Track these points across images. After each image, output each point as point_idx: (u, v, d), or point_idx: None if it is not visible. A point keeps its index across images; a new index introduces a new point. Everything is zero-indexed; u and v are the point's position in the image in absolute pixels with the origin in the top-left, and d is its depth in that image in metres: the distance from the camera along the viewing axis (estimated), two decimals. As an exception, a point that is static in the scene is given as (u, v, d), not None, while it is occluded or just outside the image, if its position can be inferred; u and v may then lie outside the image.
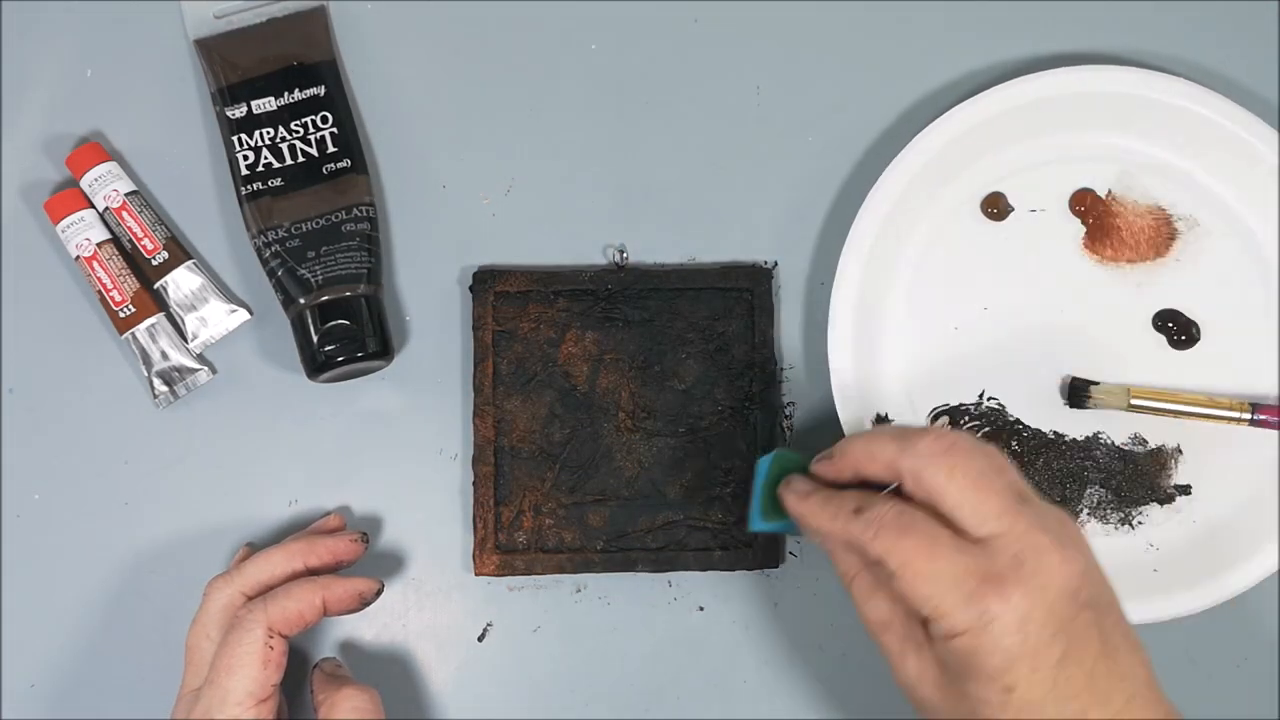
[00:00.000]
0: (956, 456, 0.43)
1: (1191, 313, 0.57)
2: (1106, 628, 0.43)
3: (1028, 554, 0.41)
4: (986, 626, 0.41)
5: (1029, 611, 0.41)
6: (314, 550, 0.51)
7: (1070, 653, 0.41)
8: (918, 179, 0.56)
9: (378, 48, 0.58)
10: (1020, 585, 0.41)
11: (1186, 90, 0.56)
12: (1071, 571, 0.42)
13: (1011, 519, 0.42)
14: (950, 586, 0.41)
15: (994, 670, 0.41)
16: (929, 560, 0.42)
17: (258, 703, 0.47)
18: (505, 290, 0.56)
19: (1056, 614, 0.41)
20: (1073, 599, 0.42)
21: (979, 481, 0.43)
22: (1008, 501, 0.42)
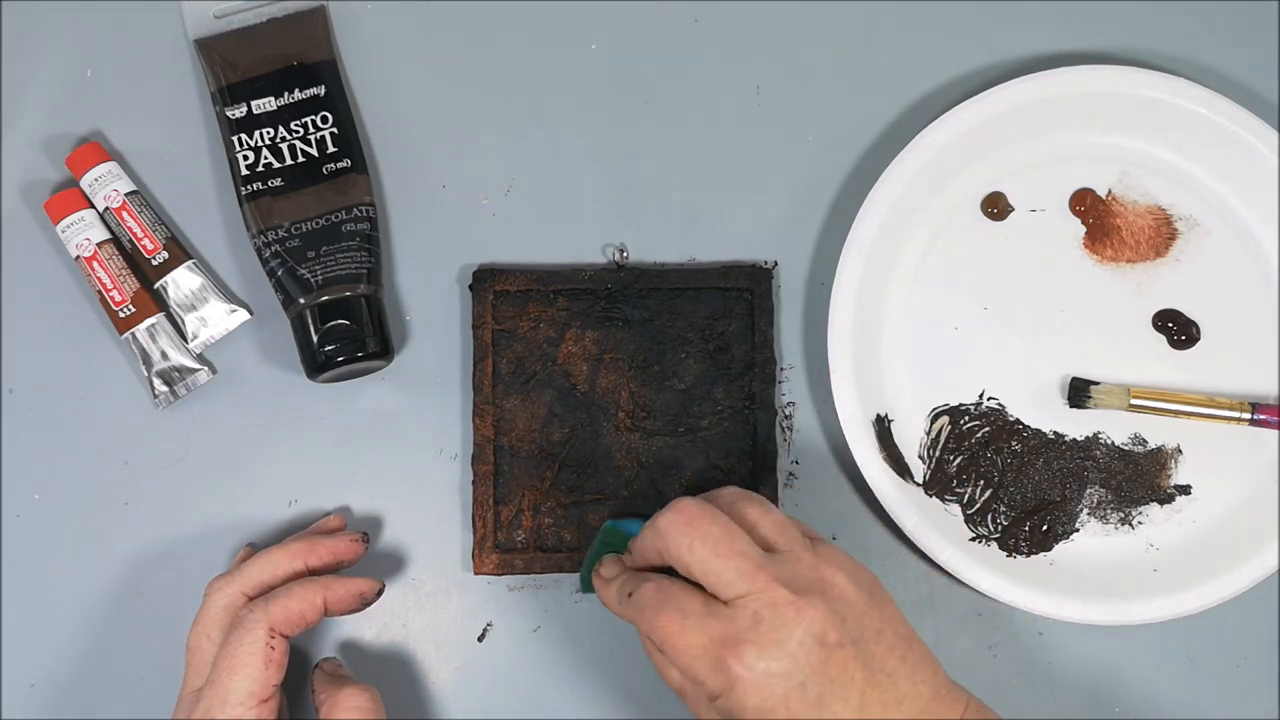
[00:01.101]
0: (694, 527, 0.45)
1: (1191, 313, 0.57)
2: (873, 658, 0.44)
3: (765, 612, 0.43)
4: (732, 688, 0.42)
5: (768, 667, 0.42)
6: (315, 550, 0.51)
7: (830, 693, 0.43)
8: (918, 179, 0.56)
9: (378, 48, 0.58)
10: (755, 644, 0.42)
11: (1186, 90, 0.56)
12: (812, 618, 0.43)
13: (751, 579, 0.43)
14: (699, 655, 0.43)
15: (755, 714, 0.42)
16: (680, 635, 0.44)
17: (259, 702, 0.47)
18: (505, 289, 0.56)
19: (801, 662, 0.42)
20: (818, 644, 0.43)
21: (717, 549, 0.44)
22: (747, 563, 0.44)
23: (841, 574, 0.45)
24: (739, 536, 0.45)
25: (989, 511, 0.56)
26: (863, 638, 0.44)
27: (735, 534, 0.45)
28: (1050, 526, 0.56)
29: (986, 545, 0.56)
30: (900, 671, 0.44)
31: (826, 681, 0.43)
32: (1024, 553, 0.56)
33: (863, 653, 0.43)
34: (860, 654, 0.43)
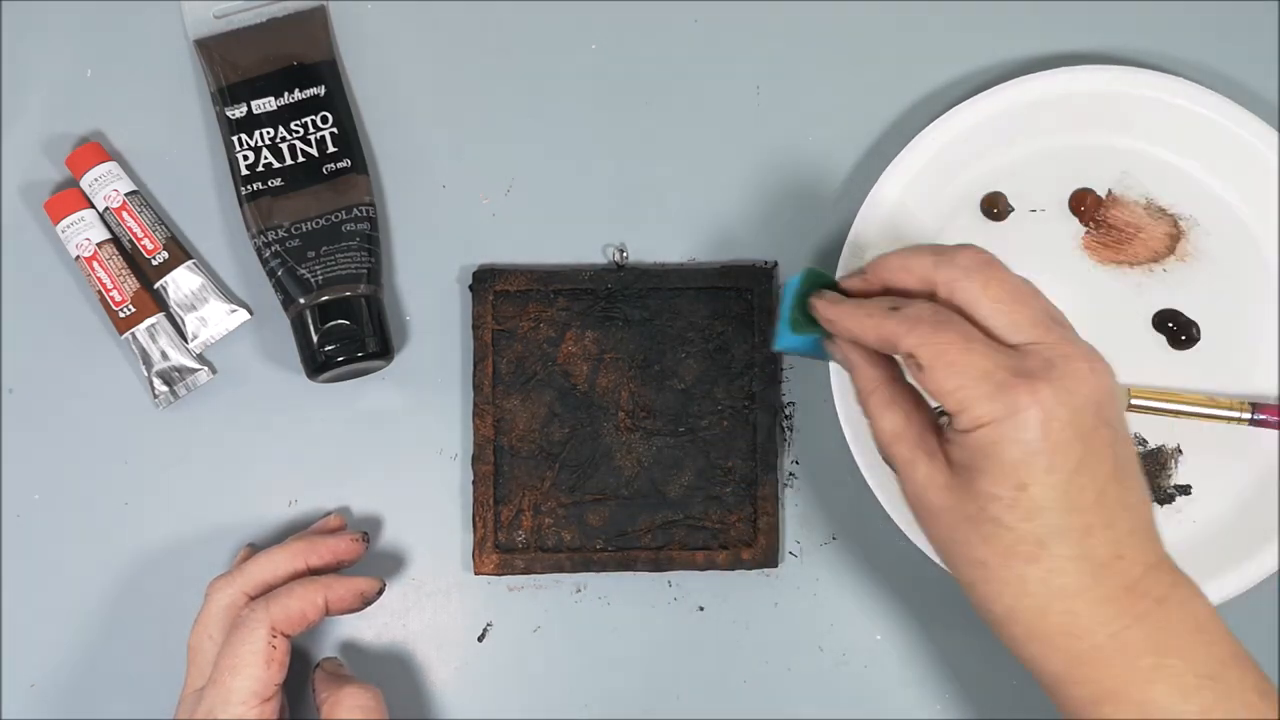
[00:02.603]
0: (992, 271, 0.44)
1: (1191, 313, 0.57)
2: (1121, 454, 0.43)
3: (1058, 360, 0.42)
4: (1011, 417, 0.41)
5: (1054, 409, 0.41)
6: (315, 550, 0.51)
7: (1086, 463, 0.41)
8: (918, 179, 0.56)
9: (378, 48, 0.58)
10: (1050, 384, 0.41)
11: (1186, 90, 0.56)
12: (1099, 384, 0.42)
13: (1044, 330, 0.43)
14: (980, 378, 0.41)
15: (1011, 464, 0.41)
16: (963, 353, 0.42)
17: (261, 702, 0.47)
18: (505, 289, 0.56)
19: (1080, 420, 0.41)
20: (1097, 411, 0.42)
21: (1014, 295, 0.43)
22: (1040, 316, 0.43)
23: (1105, 364, 0.44)
24: (1039, 295, 0.44)
25: (989, 511, 0.56)
26: (1117, 430, 0.43)
27: (1037, 291, 0.44)
28: (1050, 526, 0.56)
29: (986, 545, 0.56)
30: (1133, 481, 0.43)
31: (1089, 452, 0.41)
32: (1024, 553, 0.56)
33: (1116, 443, 0.42)
34: (1115, 443, 0.42)
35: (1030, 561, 0.42)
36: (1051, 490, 0.41)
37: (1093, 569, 0.42)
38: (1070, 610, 0.42)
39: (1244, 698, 0.42)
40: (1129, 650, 0.42)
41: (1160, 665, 0.42)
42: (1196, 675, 0.42)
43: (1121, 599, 0.42)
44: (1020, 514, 0.41)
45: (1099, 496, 0.42)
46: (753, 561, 0.55)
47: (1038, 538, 0.42)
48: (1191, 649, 0.42)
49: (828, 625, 0.56)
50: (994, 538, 0.42)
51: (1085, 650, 0.42)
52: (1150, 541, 0.43)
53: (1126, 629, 0.42)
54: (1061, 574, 0.42)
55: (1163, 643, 0.42)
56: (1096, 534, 0.42)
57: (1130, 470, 0.43)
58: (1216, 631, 0.43)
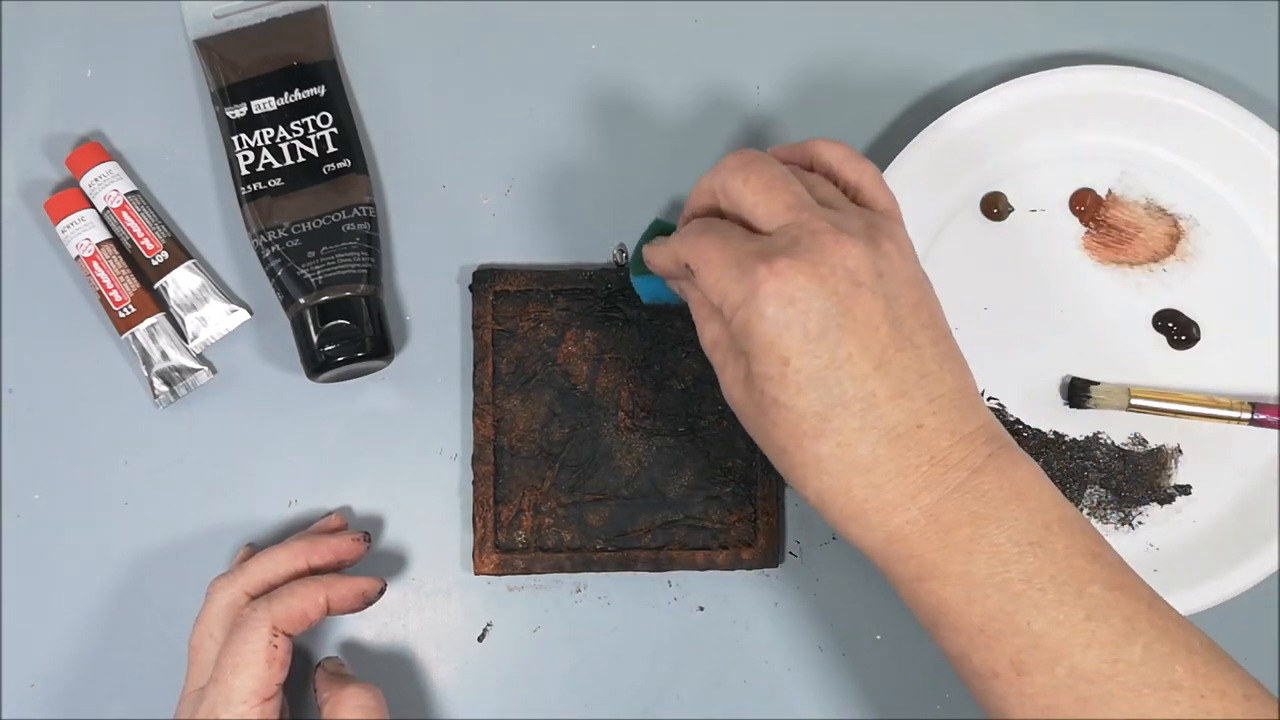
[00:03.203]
0: (753, 166, 0.44)
1: (1191, 313, 0.57)
2: (903, 324, 0.42)
3: (804, 236, 0.42)
4: (754, 293, 0.41)
5: (793, 278, 0.41)
6: (316, 550, 0.51)
7: (849, 329, 0.41)
8: (918, 179, 0.56)
9: (378, 48, 0.58)
10: (791, 257, 0.41)
11: (1186, 90, 0.56)
12: (846, 252, 0.42)
13: (797, 212, 0.43)
14: (731, 265, 0.42)
15: (767, 340, 0.41)
16: (719, 249, 0.43)
17: (262, 701, 0.47)
18: (505, 290, 0.56)
19: (828, 287, 0.41)
20: (849, 277, 0.41)
21: (770, 184, 0.44)
22: (793, 200, 0.43)
23: (894, 243, 0.44)
24: (795, 181, 0.44)
25: (989, 511, 0.56)
26: (897, 300, 0.42)
27: (792, 178, 0.44)
28: (1050, 526, 0.56)
29: (986, 545, 0.56)
30: (928, 350, 0.43)
31: (849, 318, 0.41)
32: (1024, 552, 0.56)
33: (893, 311, 0.42)
34: (890, 311, 0.42)
35: (818, 438, 0.42)
36: (815, 360, 0.41)
37: (888, 439, 0.42)
38: (872, 484, 0.42)
39: (1070, 561, 0.41)
40: (943, 522, 0.42)
41: (977, 536, 0.41)
42: (1017, 544, 0.41)
43: (927, 470, 0.42)
44: (792, 389, 0.41)
45: (879, 365, 0.42)
46: (753, 561, 0.55)
47: (816, 412, 0.41)
48: (1011, 517, 0.42)
49: (828, 625, 0.56)
50: (781, 420, 0.42)
51: (900, 526, 0.42)
52: (959, 410, 0.43)
53: (939, 501, 0.42)
54: (852, 446, 0.41)
55: (979, 512, 0.41)
56: (884, 403, 0.41)
57: (923, 339, 0.43)
58: (1040, 497, 0.42)
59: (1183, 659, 0.40)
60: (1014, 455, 0.43)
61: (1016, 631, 0.41)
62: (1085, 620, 0.40)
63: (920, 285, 0.44)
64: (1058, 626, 0.40)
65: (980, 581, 0.41)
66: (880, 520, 0.42)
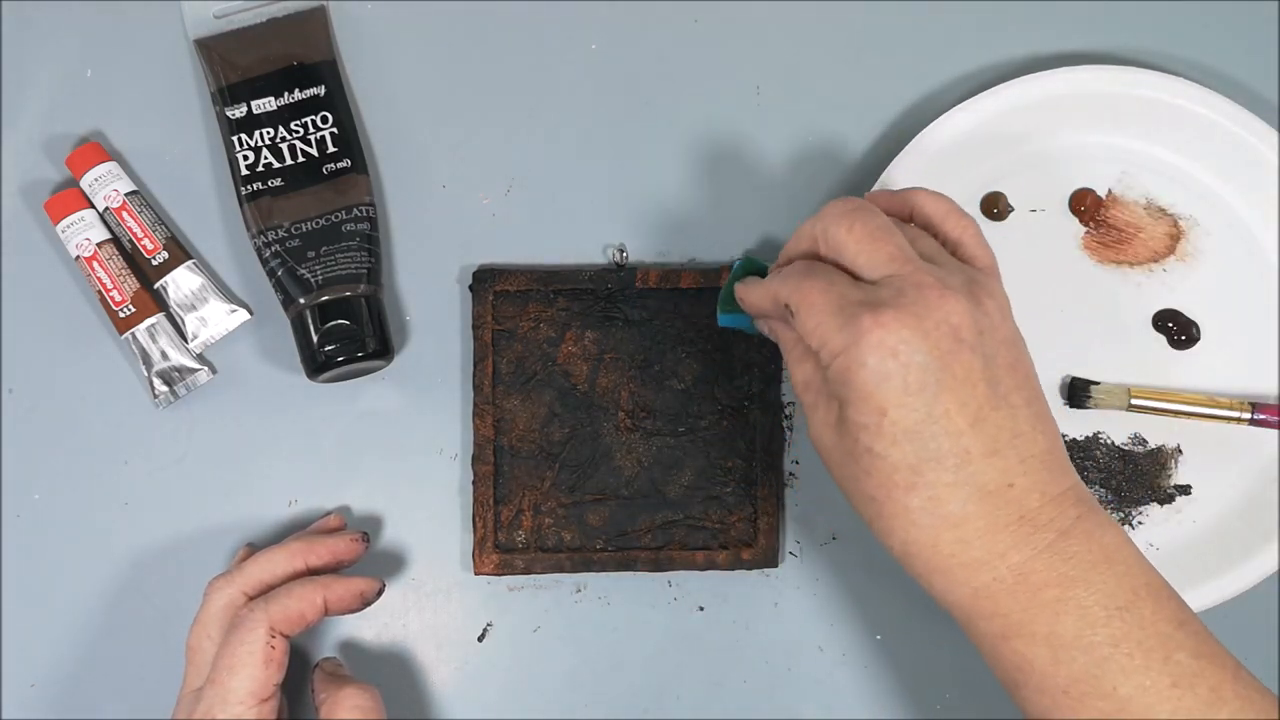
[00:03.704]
0: (857, 215, 0.45)
1: (1191, 313, 0.57)
2: (999, 382, 0.43)
3: (909, 288, 0.42)
4: (857, 342, 0.42)
5: (898, 331, 0.41)
6: (314, 550, 0.51)
7: (948, 385, 0.41)
8: (918, 179, 0.56)
9: (378, 48, 0.58)
10: (896, 309, 0.42)
11: (1186, 90, 0.56)
12: (950, 308, 0.42)
13: (901, 264, 0.43)
14: (834, 312, 0.43)
15: (866, 390, 0.42)
16: (822, 294, 0.43)
17: (259, 702, 0.47)
18: (505, 290, 0.56)
19: (931, 342, 0.41)
20: (953, 334, 0.42)
21: (875, 234, 0.44)
22: (897, 252, 0.44)
23: (994, 301, 0.44)
24: (898, 232, 0.44)
25: (989, 511, 0.56)
26: (994, 359, 0.43)
27: (895, 230, 0.44)
28: (1050, 526, 0.56)
29: (986, 545, 0.56)
30: (1022, 411, 0.43)
31: (948, 374, 0.41)
32: (1024, 553, 0.56)
33: (990, 370, 0.42)
34: (988, 370, 0.42)
35: (909, 490, 0.42)
36: (913, 413, 0.41)
37: (978, 496, 0.42)
38: (961, 539, 0.42)
39: (1157, 628, 0.41)
40: (1031, 582, 0.42)
41: (1065, 598, 0.41)
42: (1105, 607, 0.41)
43: (1016, 529, 0.42)
44: (887, 440, 0.42)
45: (975, 423, 0.42)
46: (753, 561, 0.55)
47: (910, 465, 0.42)
48: (1100, 580, 0.42)
49: (828, 625, 0.56)
50: (873, 469, 0.42)
51: (987, 583, 0.42)
52: (1049, 472, 0.43)
53: (1027, 561, 0.42)
54: (943, 501, 0.42)
55: (1067, 574, 0.42)
56: (977, 461, 0.42)
57: (1018, 400, 0.43)
58: (1127, 562, 0.43)
59: None
60: (1101, 519, 0.43)
61: (1102, 695, 0.41)
62: (1171, 687, 0.41)
63: (1016, 345, 0.44)
64: (1144, 692, 0.41)
65: (1067, 643, 0.41)
66: (967, 576, 0.42)
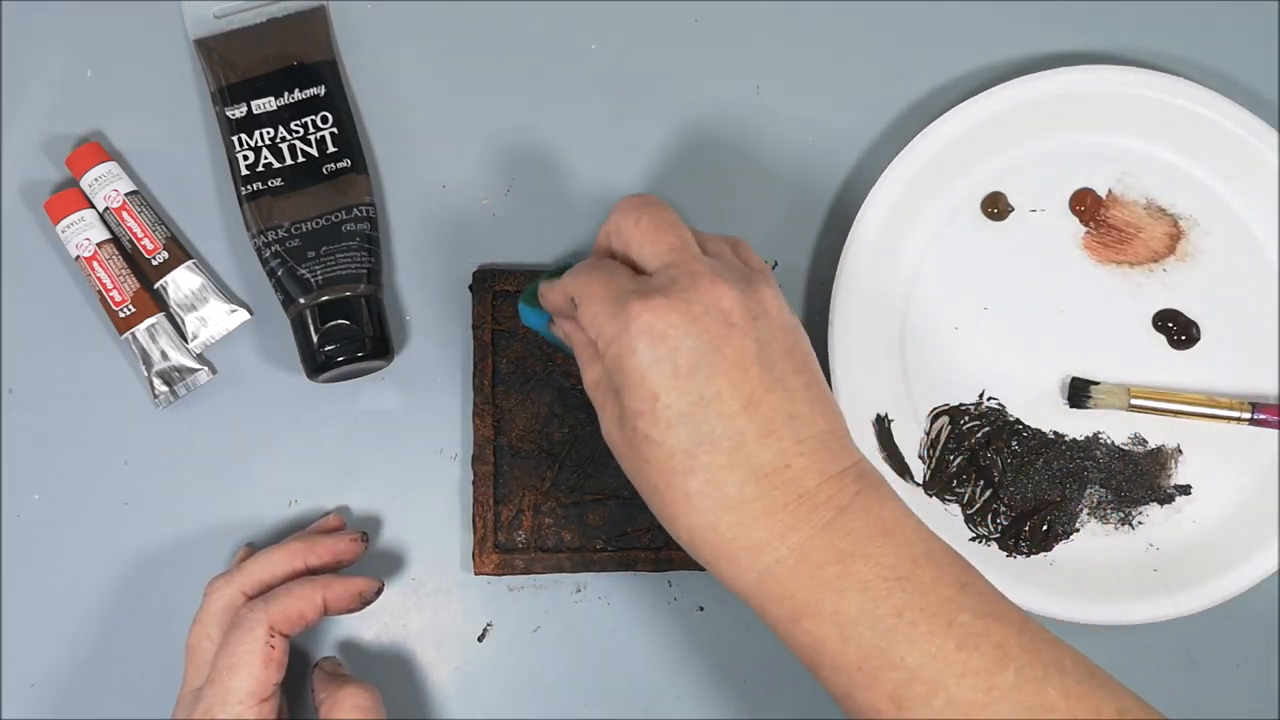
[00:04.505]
0: (646, 208, 0.46)
1: (1191, 313, 0.57)
2: (774, 366, 0.43)
3: (681, 275, 0.43)
4: (627, 327, 0.42)
5: (666, 315, 0.42)
6: (314, 550, 0.51)
7: (718, 368, 0.42)
8: (918, 179, 0.56)
9: (378, 48, 0.58)
10: (665, 295, 0.42)
11: (1186, 90, 0.56)
12: (721, 294, 0.42)
13: (679, 255, 0.44)
14: (609, 301, 0.43)
15: (638, 375, 0.42)
16: (602, 285, 0.44)
17: (259, 702, 0.47)
18: (505, 289, 0.56)
19: (700, 326, 0.42)
20: (722, 318, 0.42)
21: (660, 225, 0.45)
22: (679, 243, 0.44)
23: (770, 292, 0.44)
24: (685, 228, 0.45)
25: (989, 511, 0.56)
26: (769, 345, 0.43)
27: (682, 225, 0.45)
28: (1050, 526, 0.56)
29: (986, 545, 0.56)
30: (800, 394, 0.43)
31: (719, 357, 0.42)
32: (1024, 553, 0.56)
33: (765, 355, 0.43)
34: (762, 354, 0.43)
35: (687, 474, 0.42)
36: (684, 396, 0.42)
37: (755, 478, 0.42)
38: (740, 523, 0.42)
39: (939, 593, 0.41)
40: (812, 560, 0.42)
41: (846, 573, 0.41)
42: (885, 579, 0.41)
43: (794, 508, 0.42)
44: (662, 425, 0.42)
45: (748, 405, 0.42)
46: (753, 561, 0.55)
47: (685, 448, 0.42)
48: (878, 553, 0.42)
49: (828, 625, 0.56)
50: (652, 457, 0.43)
51: (770, 565, 0.42)
52: (829, 451, 0.43)
53: (807, 540, 0.42)
54: (720, 483, 0.42)
55: (846, 550, 0.42)
56: (752, 442, 0.42)
57: (794, 383, 0.43)
58: (906, 532, 0.43)
59: (1055, 681, 0.40)
60: (882, 492, 0.43)
61: (892, 667, 0.41)
62: (957, 650, 0.40)
63: (794, 332, 0.45)
64: (931, 659, 0.40)
65: (852, 619, 0.41)
66: (750, 560, 0.42)
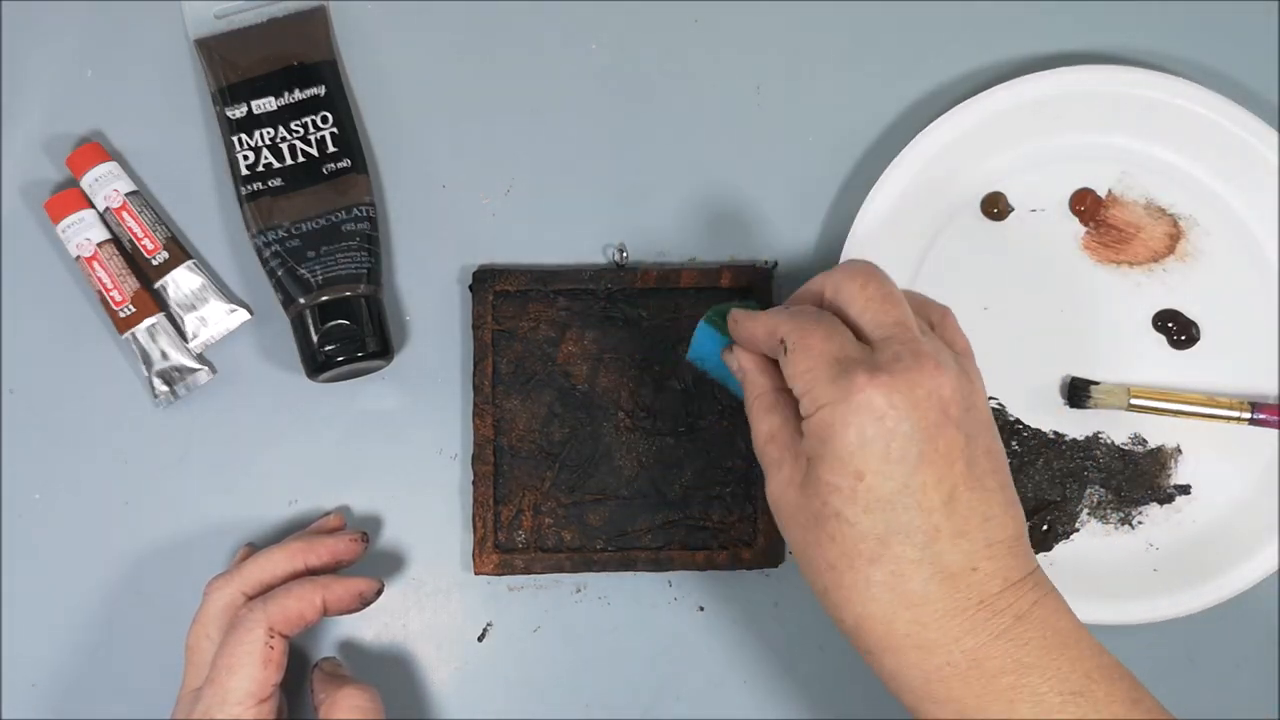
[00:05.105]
0: (872, 274, 0.45)
1: (1191, 313, 0.57)
2: (977, 464, 0.42)
3: (906, 355, 0.42)
4: (846, 399, 0.41)
5: (890, 396, 0.41)
6: (314, 550, 0.51)
7: (929, 459, 0.41)
8: (918, 179, 0.56)
9: (378, 48, 0.58)
10: (892, 375, 0.41)
11: (1186, 90, 0.56)
12: (943, 382, 0.42)
13: (904, 329, 0.43)
14: (829, 363, 0.42)
15: (847, 450, 0.41)
16: (822, 340, 0.43)
17: (258, 702, 0.47)
18: (505, 289, 0.56)
19: (920, 413, 0.41)
20: (941, 409, 0.41)
21: (886, 296, 0.44)
22: (905, 318, 0.43)
23: (980, 385, 0.44)
24: (908, 306, 0.44)
25: (989, 511, 0.56)
26: (975, 440, 0.42)
27: (904, 300, 0.44)
28: (1050, 526, 0.56)
29: (986, 545, 0.56)
30: (996, 496, 0.42)
31: (931, 448, 0.41)
32: (1024, 553, 0.56)
33: (970, 451, 0.42)
34: (968, 450, 0.42)
35: (873, 562, 0.41)
36: (890, 481, 0.41)
37: (941, 578, 0.41)
38: (918, 620, 0.41)
39: (1112, 710, 0.41)
40: (986, 668, 0.41)
41: (1019, 685, 0.41)
42: (1059, 693, 0.41)
43: (974, 613, 0.41)
44: (860, 506, 0.41)
45: (948, 501, 0.41)
46: (753, 561, 0.55)
47: (878, 535, 0.41)
48: (1054, 665, 0.41)
49: (828, 625, 0.56)
50: (839, 536, 0.42)
51: (940, 666, 0.41)
52: (1013, 558, 0.42)
53: (982, 646, 0.41)
54: (906, 578, 0.41)
55: (1022, 660, 0.41)
56: (945, 540, 0.41)
57: (992, 483, 0.43)
58: (1080, 645, 0.42)
59: None
60: (1058, 604, 0.43)
61: None
62: None
63: (993, 429, 0.44)
64: None
65: None
66: (919, 659, 0.42)
